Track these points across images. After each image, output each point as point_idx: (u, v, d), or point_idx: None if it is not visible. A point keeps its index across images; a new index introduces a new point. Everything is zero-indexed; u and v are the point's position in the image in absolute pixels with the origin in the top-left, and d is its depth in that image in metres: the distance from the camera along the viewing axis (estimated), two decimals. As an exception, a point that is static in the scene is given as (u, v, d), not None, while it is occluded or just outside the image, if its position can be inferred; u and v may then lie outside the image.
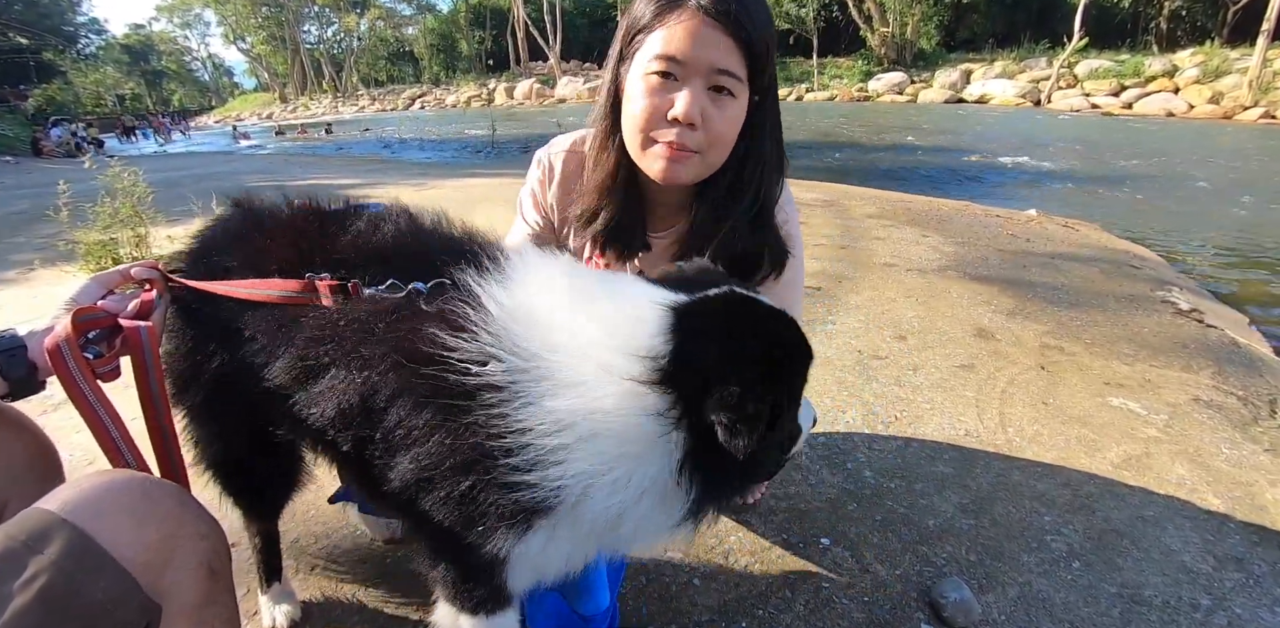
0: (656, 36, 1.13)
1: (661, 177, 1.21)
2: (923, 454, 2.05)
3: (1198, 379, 2.60)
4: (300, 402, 0.92)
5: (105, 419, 0.89)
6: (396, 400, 0.83)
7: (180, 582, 0.75)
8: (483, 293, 0.85)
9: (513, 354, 0.80)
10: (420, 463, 0.81)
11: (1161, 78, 22.35)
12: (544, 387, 0.78)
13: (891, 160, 12.31)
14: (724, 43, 1.11)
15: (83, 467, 2.06)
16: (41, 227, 5.44)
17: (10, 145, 19.96)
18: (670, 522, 0.84)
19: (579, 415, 0.77)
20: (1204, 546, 1.67)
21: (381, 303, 0.90)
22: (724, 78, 1.13)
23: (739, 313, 0.87)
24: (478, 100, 43.01)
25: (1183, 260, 5.29)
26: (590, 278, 0.92)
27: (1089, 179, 9.71)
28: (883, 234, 4.90)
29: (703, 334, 0.80)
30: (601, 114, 1.28)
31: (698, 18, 1.10)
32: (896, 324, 3.11)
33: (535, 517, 0.82)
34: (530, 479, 0.78)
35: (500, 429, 0.78)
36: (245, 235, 1.09)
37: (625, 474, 0.79)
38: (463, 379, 0.79)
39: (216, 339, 1.04)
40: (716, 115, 1.15)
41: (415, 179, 8.76)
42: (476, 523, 0.83)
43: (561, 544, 0.88)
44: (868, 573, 1.56)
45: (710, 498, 0.84)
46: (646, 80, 1.15)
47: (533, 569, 0.93)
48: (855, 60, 33.63)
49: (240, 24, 61.90)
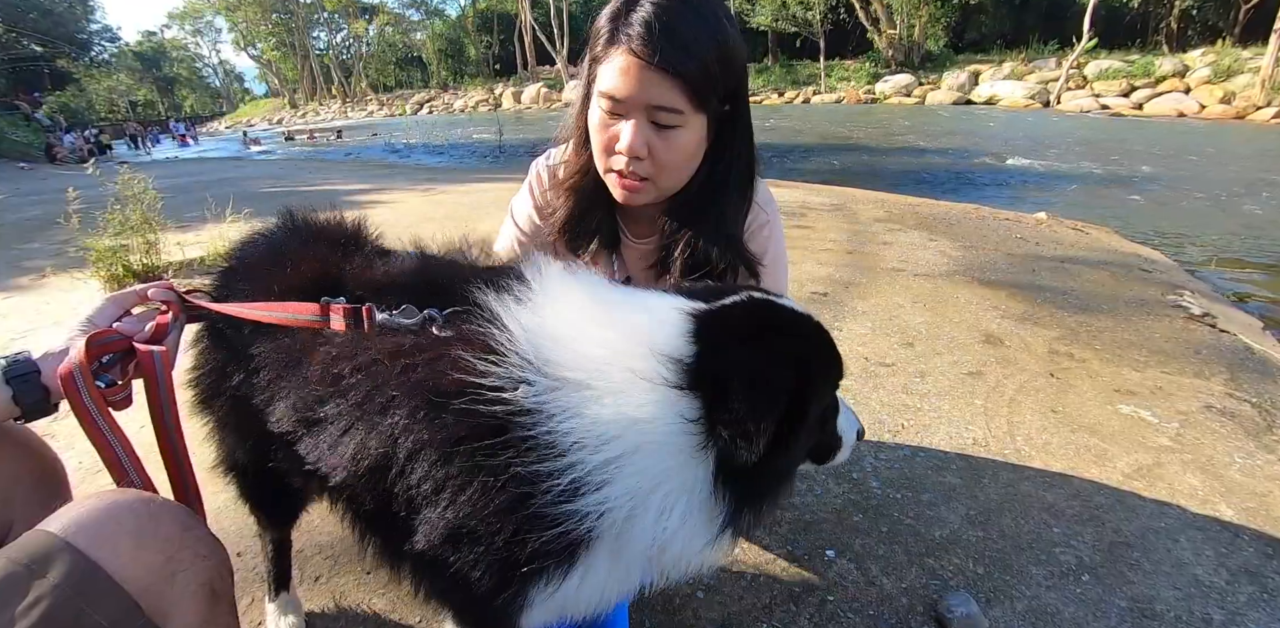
0: (604, 71, 1.15)
1: (621, 200, 1.27)
2: (930, 464, 2.03)
3: (1210, 386, 2.57)
4: (307, 448, 0.88)
5: (117, 448, 0.89)
6: (422, 447, 0.76)
7: (182, 604, 0.74)
8: (504, 314, 0.81)
9: (542, 375, 0.76)
10: (457, 513, 0.75)
11: (1172, 78, 22.20)
12: (582, 398, 0.74)
13: (899, 163, 12.27)
14: (658, 80, 1.09)
15: (91, 475, 2.08)
16: (54, 232, 5.49)
17: (24, 151, 20.21)
18: (707, 537, 0.80)
19: (621, 427, 0.73)
20: (1217, 558, 1.64)
21: (398, 334, 0.85)
22: (662, 114, 1.13)
23: (762, 316, 0.86)
24: (485, 105, 43.24)
25: (1195, 264, 5.24)
26: (608, 289, 0.91)
27: (1099, 181, 9.64)
28: (890, 238, 4.88)
29: (725, 336, 0.79)
30: (576, 125, 1.31)
31: (629, 58, 1.10)
32: (904, 330, 3.09)
33: (577, 552, 0.77)
34: (575, 507, 0.72)
35: (541, 454, 0.72)
36: (268, 258, 1.10)
37: (672, 490, 0.75)
38: (494, 410, 0.74)
39: (240, 356, 1.03)
40: (661, 146, 1.17)
41: (423, 184, 8.80)
42: (512, 570, 0.76)
43: (597, 579, 0.82)
44: (873, 586, 1.55)
45: (745, 509, 0.81)
46: (599, 114, 1.19)
47: (558, 610, 0.88)
48: (862, 62, 33.58)
49: (250, 30, 62.43)
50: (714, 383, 0.74)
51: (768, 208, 1.39)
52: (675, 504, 0.76)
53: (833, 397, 0.95)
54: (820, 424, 0.92)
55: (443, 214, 6.06)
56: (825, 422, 0.94)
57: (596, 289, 0.89)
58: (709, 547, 0.81)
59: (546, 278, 0.88)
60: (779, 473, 0.82)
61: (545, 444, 0.73)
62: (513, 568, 0.77)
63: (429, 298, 0.89)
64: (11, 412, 0.88)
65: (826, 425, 0.95)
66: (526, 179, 1.50)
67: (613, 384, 0.75)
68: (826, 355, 0.88)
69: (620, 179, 1.22)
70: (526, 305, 0.83)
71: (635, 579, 0.87)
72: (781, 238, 1.44)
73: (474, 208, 6.42)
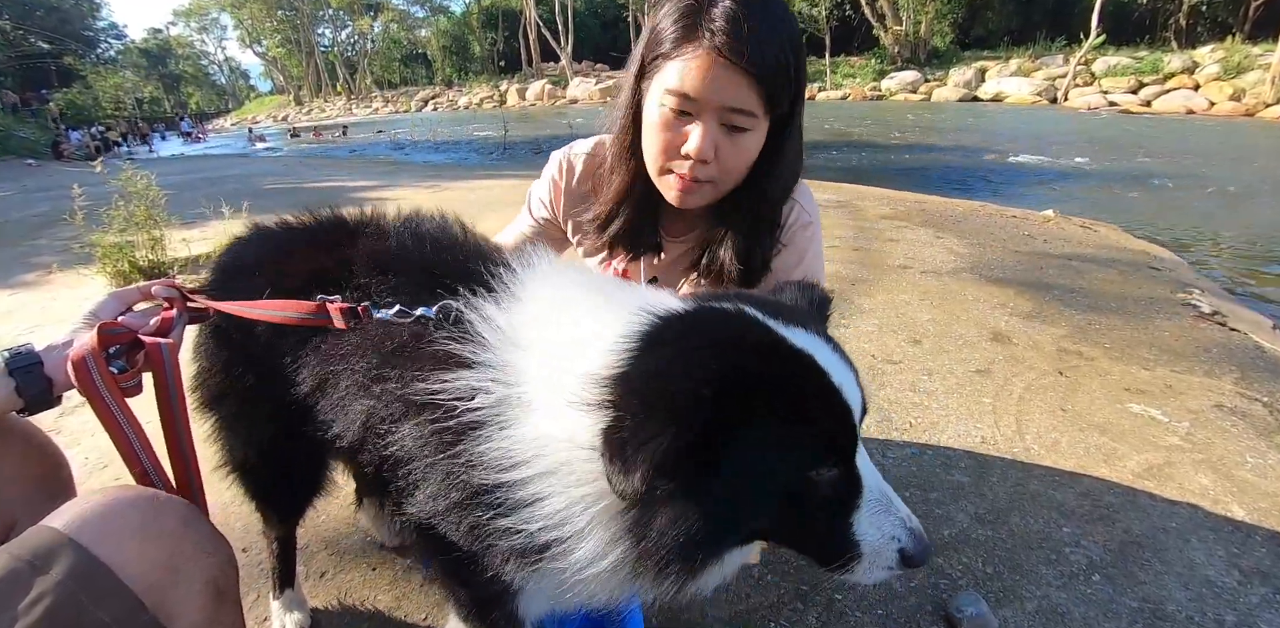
0: (673, 68, 1.10)
1: (675, 203, 1.23)
2: (938, 462, 2.01)
3: (1220, 385, 2.54)
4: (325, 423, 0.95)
5: (129, 431, 0.89)
6: (403, 442, 0.83)
7: (186, 600, 0.74)
8: (479, 319, 0.82)
9: (500, 383, 0.76)
10: (428, 501, 0.81)
11: (1181, 74, 22.01)
12: (514, 415, 0.74)
13: (905, 160, 12.22)
14: (738, 81, 1.07)
15: (98, 470, 2.08)
16: (60, 229, 5.52)
17: (32, 148, 20.30)
18: (617, 582, 0.74)
19: (536, 447, 0.70)
20: (1228, 559, 1.63)
21: (388, 333, 0.89)
22: (737, 116, 1.11)
23: (702, 326, 0.74)
24: (490, 101, 43.22)
25: (1204, 262, 5.19)
26: (588, 290, 0.86)
27: (1107, 178, 9.57)
28: (897, 235, 4.85)
29: (651, 349, 0.69)
30: (622, 126, 1.27)
31: (712, 56, 1.06)
32: (911, 328, 3.07)
33: (539, 559, 0.77)
34: (516, 519, 0.73)
35: (483, 465, 0.74)
36: (264, 256, 1.12)
37: (587, 518, 0.70)
38: (450, 413, 0.77)
39: (248, 353, 1.07)
40: (730, 150, 1.14)
41: (428, 181, 8.80)
42: (483, 558, 0.82)
43: (581, 585, 0.79)
44: (881, 585, 1.53)
45: (650, 564, 0.69)
46: (661, 112, 1.14)
47: (549, 601, 0.91)
48: (868, 59, 33.41)
49: (256, 28, 62.61)
50: (615, 401, 0.65)
51: (810, 209, 1.37)
52: (589, 534, 0.70)
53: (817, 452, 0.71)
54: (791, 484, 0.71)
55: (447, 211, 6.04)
56: (806, 491, 0.72)
57: (575, 290, 0.85)
58: (621, 590, 0.77)
59: (533, 276, 0.89)
60: (688, 529, 0.66)
61: (490, 457, 0.73)
62: (481, 556, 0.81)
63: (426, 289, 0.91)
64: (15, 404, 0.88)
65: (813, 498, 0.72)
66: (547, 167, 1.47)
67: (546, 400, 0.72)
68: (777, 377, 0.69)
69: (681, 181, 1.18)
70: (504, 308, 0.83)
71: (613, 590, 0.81)
72: (820, 239, 1.42)
73: (479, 205, 6.41)
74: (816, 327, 0.80)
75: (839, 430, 0.71)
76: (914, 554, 0.73)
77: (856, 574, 0.75)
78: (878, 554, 0.73)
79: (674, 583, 0.72)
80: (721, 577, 0.79)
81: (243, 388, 1.11)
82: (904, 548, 0.73)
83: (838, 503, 0.73)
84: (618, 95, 1.29)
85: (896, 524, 0.73)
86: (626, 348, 0.69)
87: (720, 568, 0.76)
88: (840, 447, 0.72)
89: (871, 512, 0.73)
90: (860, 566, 0.74)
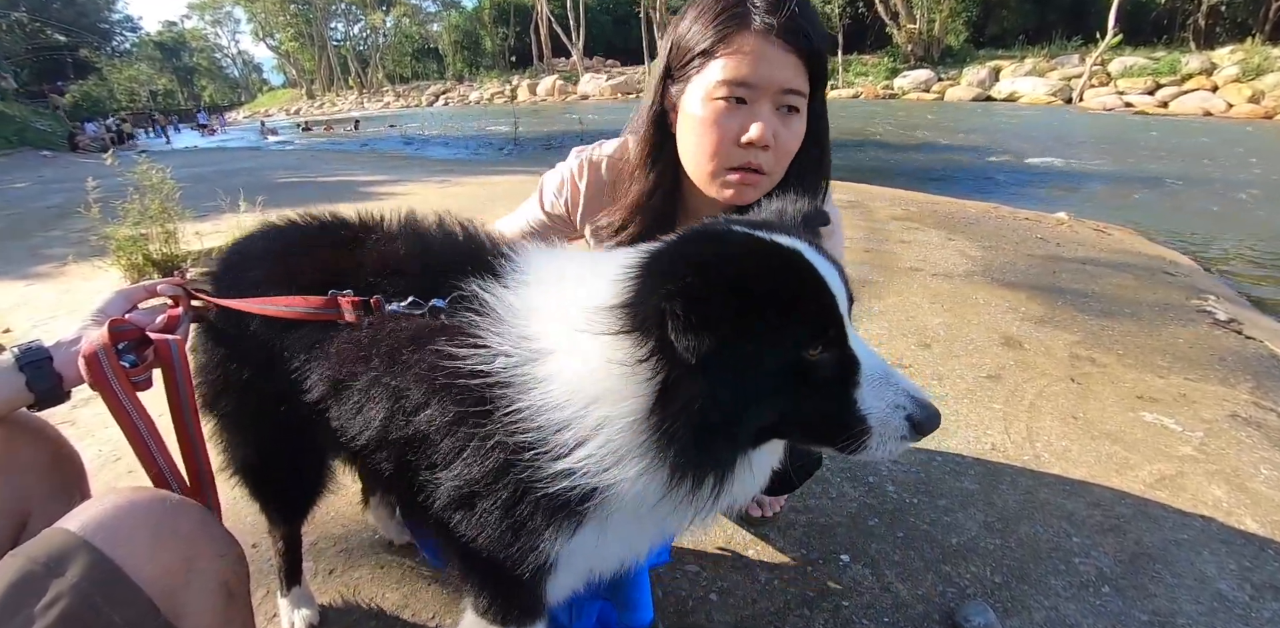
0: (721, 62, 1.11)
1: (732, 200, 1.20)
2: (947, 469, 2.00)
3: (1236, 394, 2.51)
4: (336, 422, 0.95)
5: (140, 426, 0.90)
6: (425, 422, 0.84)
7: (198, 603, 0.75)
8: (490, 298, 0.86)
9: (517, 347, 0.80)
10: (459, 478, 0.82)
11: (1199, 76, 21.71)
12: (538, 366, 0.78)
13: (917, 160, 12.13)
14: (790, 61, 1.10)
15: (111, 462, 2.10)
16: (75, 221, 5.56)
17: (48, 140, 20.49)
18: (660, 486, 0.76)
19: (574, 384, 0.75)
20: (1241, 573, 1.61)
21: (401, 322, 0.90)
22: (791, 97, 1.12)
23: (707, 240, 0.80)
24: (501, 97, 43.23)
25: (1220, 267, 5.13)
26: (583, 260, 0.92)
27: (1122, 180, 9.47)
28: (908, 237, 4.82)
29: (663, 267, 0.74)
30: (644, 133, 1.27)
31: (765, 38, 1.08)
32: (921, 331, 3.05)
33: (584, 508, 0.80)
34: (562, 467, 0.75)
35: (520, 422, 0.77)
36: (271, 252, 1.12)
37: (636, 436, 0.73)
38: (475, 383, 0.79)
39: (247, 352, 1.07)
40: (785, 134, 1.15)
41: (439, 176, 8.82)
42: (524, 530, 0.82)
43: (614, 533, 0.86)
44: (888, 592, 1.53)
45: (688, 453, 0.73)
46: (713, 105, 1.13)
47: (587, 567, 0.93)
48: (881, 57, 33.17)
49: (269, 21, 62.90)
50: (652, 318, 0.70)
51: (834, 217, 1.36)
52: (642, 449, 0.73)
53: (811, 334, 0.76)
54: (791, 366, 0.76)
55: (458, 207, 5.99)
56: (807, 371, 0.76)
57: (573, 263, 0.91)
58: (668, 499, 0.78)
59: (533, 259, 0.94)
60: (706, 410, 0.71)
61: (521, 413, 0.77)
62: (520, 527, 0.82)
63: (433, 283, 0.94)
64: (25, 399, 0.90)
65: (815, 379, 0.77)
66: (567, 163, 1.45)
67: (565, 346, 0.77)
68: (770, 269, 0.75)
69: (742, 175, 1.17)
70: (512, 288, 0.88)
71: (654, 529, 0.88)
72: (843, 244, 1.42)
73: (489, 200, 6.42)
74: (799, 234, 0.86)
75: (828, 313, 0.77)
76: (922, 420, 0.77)
77: (871, 449, 0.78)
78: (885, 425, 0.77)
79: (711, 487, 0.76)
80: (752, 485, 0.84)
81: (241, 388, 1.11)
82: (911, 414, 0.77)
83: (838, 381, 0.78)
84: (641, 101, 1.29)
85: (900, 393, 0.77)
86: (645, 271, 0.75)
87: (748, 470, 0.81)
88: (831, 327, 0.77)
89: (872, 385, 0.78)
90: (872, 440, 0.77)
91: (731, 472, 0.78)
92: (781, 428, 0.81)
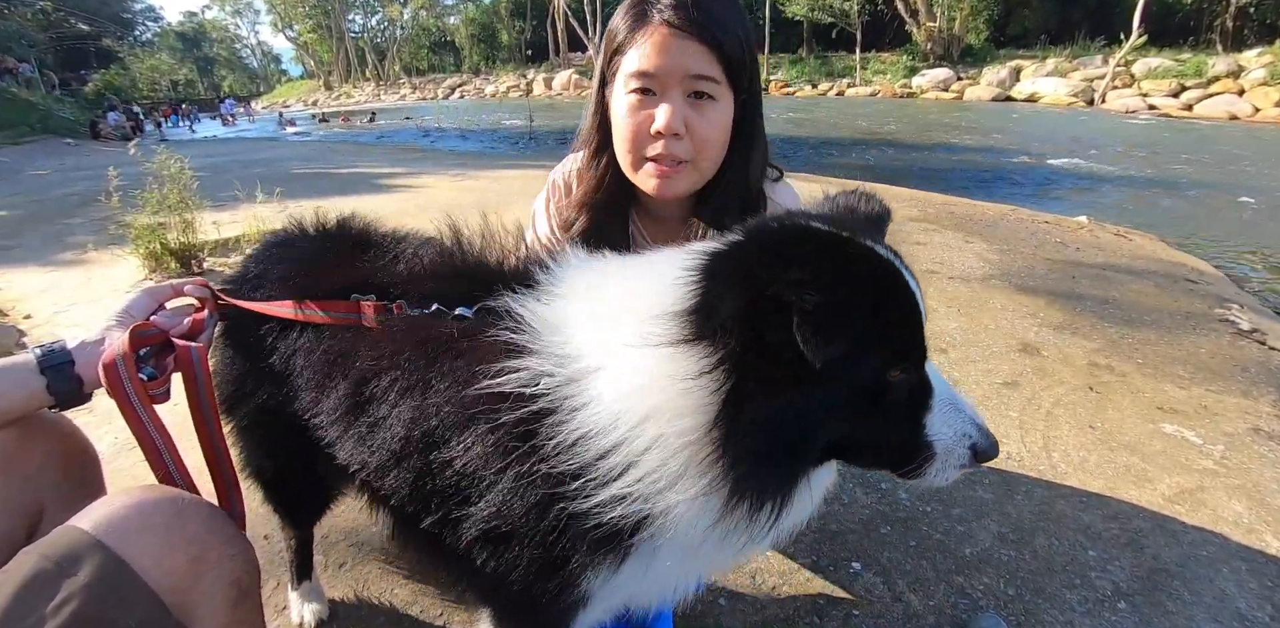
0: (630, 56, 1.14)
1: (656, 192, 1.22)
2: (961, 477, 1.98)
3: (1258, 407, 2.46)
4: (350, 449, 0.90)
5: (157, 439, 0.90)
6: (459, 445, 0.77)
7: (208, 602, 0.75)
8: (524, 312, 0.82)
9: (561, 365, 0.75)
10: (500, 509, 0.75)
11: (1225, 79, 21.27)
12: (583, 386, 0.72)
13: (935, 160, 12.00)
14: (695, 49, 1.11)
15: (126, 450, 2.12)
16: (96, 209, 5.63)
17: (70, 129, 20.74)
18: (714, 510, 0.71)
19: (624, 402, 0.68)
20: (1261, 592, 1.58)
21: (427, 332, 0.86)
22: (702, 82, 1.13)
23: (798, 239, 0.72)
24: (516, 90, 43.23)
25: (1244, 276, 5.03)
26: (627, 263, 0.88)
27: (1144, 185, 9.32)
28: (924, 238, 4.77)
29: (750, 265, 0.67)
30: (588, 136, 1.30)
31: (664, 30, 1.10)
32: (937, 335, 3.02)
33: (631, 541, 0.74)
34: (610, 494, 0.69)
35: (564, 448, 0.71)
36: (294, 257, 1.11)
37: (695, 454, 0.68)
38: (514, 410, 0.74)
39: (264, 357, 1.05)
40: (700, 122, 1.15)
41: (454, 170, 8.83)
42: (563, 567, 0.76)
43: (661, 566, 0.80)
44: (900, 602, 1.51)
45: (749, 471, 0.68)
46: (627, 100, 1.17)
47: (623, 604, 0.88)
48: (899, 55, 32.78)
49: (288, 12, 63.16)
50: (724, 326, 0.65)
51: (788, 193, 1.37)
52: (687, 474, 0.69)
53: (897, 353, 0.73)
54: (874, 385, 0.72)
55: (472, 201, 6.07)
56: (885, 392, 0.73)
57: (607, 270, 0.87)
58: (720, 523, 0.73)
59: (563, 269, 0.89)
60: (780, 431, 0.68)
61: (567, 440, 0.71)
62: (560, 565, 0.76)
63: (460, 293, 0.90)
64: (46, 401, 0.90)
65: (890, 400, 0.73)
66: (544, 188, 1.48)
67: (612, 361, 0.72)
68: (872, 282, 0.70)
69: (658, 167, 1.18)
70: (545, 301, 0.83)
71: (701, 563, 0.83)
72: None
73: (503, 195, 6.43)
74: (878, 237, 0.81)
75: (917, 333, 0.74)
76: (985, 449, 0.76)
77: (930, 475, 0.77)
78: (950, 453, 0.76)
79: (769, 510, 0.72)
80: (811, 503, 0.80)
81: (255, 396, 1.08)
82: (975, 443, 0.76)
83: (912, 404, 0.75)
84: (585, 107, 1.31)
85: (966, 422, 0.76)
86: (709, 273, 0.69)
87: (808, 490, 0.77)
88: (917, 348, 0.75)
89: (943, 411, 0.76)
90: (934, 466, 0.76)
91: (793, 493, 0.74)
92: (846, 449, 0.77)
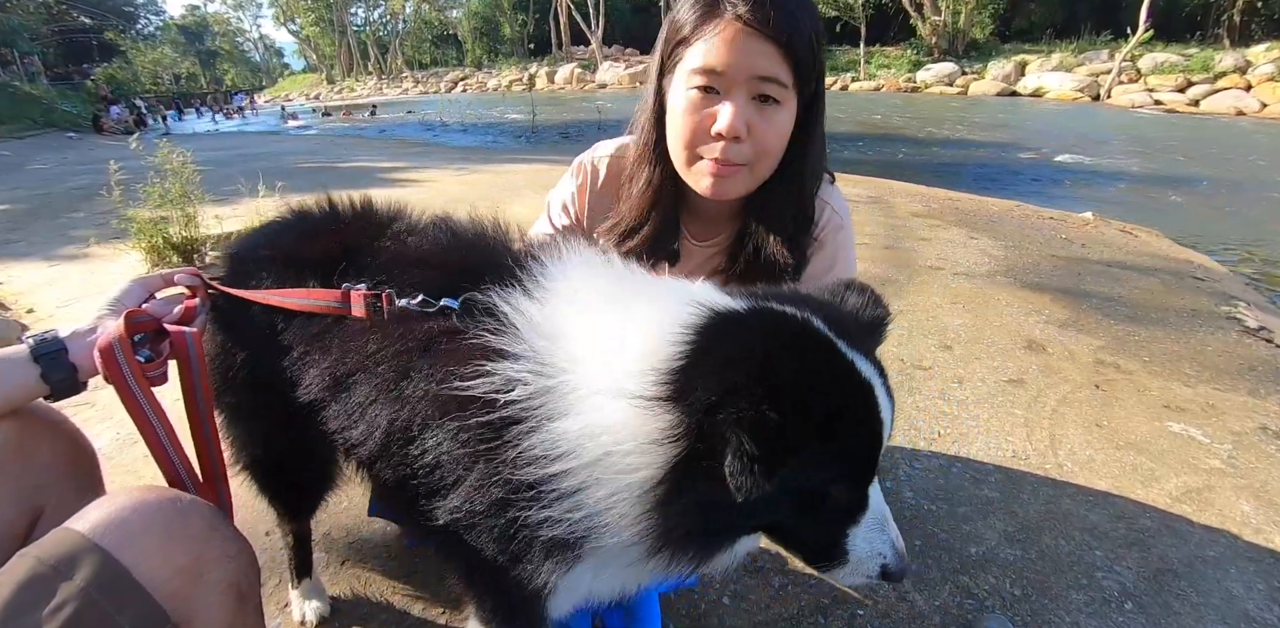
0: (696, 49, 1.09)
1: (709, 193, 1.17)
2: (966, 475, 1.97)
3: (1265, 406, 2.45)
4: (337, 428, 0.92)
5: (155, 422, 0.89)
6: (431, 441, 0.81)
7: (207, 606, 0.74)
8: (512, 311, 0.81)
9: (538, 374, 0.75)
10: (465, 502, 0.79)
11: (1232, 74, 21.10)
12: (556, 406, 0.74)
13: (939, 155, 11.94)
14: (766, 50, 1.06)
15: (129, 445, 2.12)
16: (98, 203, 5.61)
17: (73, 122, 20.73)
18: (643, 563, 0.78)
19: (589, 433, 0.71)
20: (1269, 593, 1.56)
21: (413, 325, 0.87)
22: (768, 85, 1.08)
23: (787, 346, 0.73)
24: (519, 84, 43.05)
25: (1252, 273, 5.00)
26: (628, 280, 0.86)
27: (1150, 181, 9.25)
28: (929, 234, 4.74)
29: (731, 359, 0.69)
30: (645, 127, 1.24)
31: (735, 26, 1.05)
32: (942, 332, 3.00)
33: (578, 550, 0.78)
34: (554, 514, 0.73)
35: (524, 460, 0.74)
36: (286, 243, 1.09)
37: (634, 506, 0.72)
38: (488, 412, 0.75)
39: (254, 345, 1.05)
40: (763, 126, 1.11)
41: (456, 164, 8.81)
42: (522, 559, 0.80)
43: (608, 572, 0.85)
44: (905, 602, 1.50)
45: (675, 543, 0.74)
46: (688, 96, 1.12)
47: (583, 596, 0.91)
48: (904, 50, 32.59)
49: (290, 6, 62.99)
50: (699, 403, 0.66)
51: (841, 210, 1.33)
52: (624, 521, 0.72)
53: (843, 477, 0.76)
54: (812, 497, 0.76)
55: (475, 195, 6.06)
56: (821, 503, 0.77)
57: (612, 281, 0.86)
58: (643, 575, 0.81)
59: (565, 268, 0.87)
60: (713, 521, 0.74)
61: (535, 451, 0.73)
62: (518, 558, 0.80)
63: (453, 282, 0.89)
64: (41, 390, 0.89)
65: (824, 509, 0.78)
66: (568, 173, 1.44)
67: (593, 390, 0.73)
68: (846, 402, 0.72)
69: (714, 166, 1.14)
70: (537, 300, 0.82)
71: (647, 575, 0.87)
72: (853, 242, 1.38)
73: (506, 189, 6.41)
74: (872, 347, 0.82)
75: (872, 458, 0.76)
76: (894, 572, 0.80)
77: (836, 576, 0.82)
78: (861, 564, 0.80)
79: (688, 565, 0.79)
80: (730, 562, 0.85)
81: (245, 383, 1.08)
82: (887, 564, 0.80)
83: (843, 516, 0.79)
84: (642, 95, 1.26)
85: (886, 543, 0.80)
86: (696, 347, 0.71)
87: (731, 555, 0.83)
88: (867, 473, 0.78)
89: (868, 528, 0.79)
90: (843, 571, 0.81)
91: (713, 558, 0.80)
92: (771, 531, 0.82)
